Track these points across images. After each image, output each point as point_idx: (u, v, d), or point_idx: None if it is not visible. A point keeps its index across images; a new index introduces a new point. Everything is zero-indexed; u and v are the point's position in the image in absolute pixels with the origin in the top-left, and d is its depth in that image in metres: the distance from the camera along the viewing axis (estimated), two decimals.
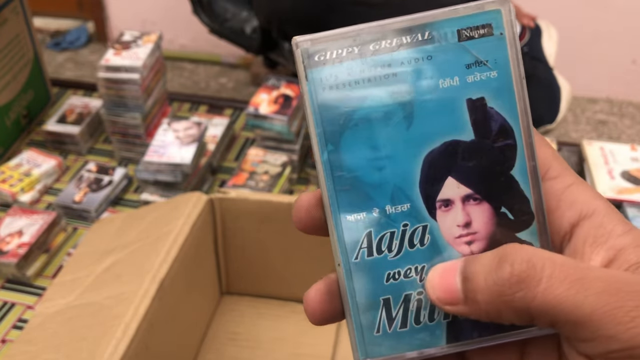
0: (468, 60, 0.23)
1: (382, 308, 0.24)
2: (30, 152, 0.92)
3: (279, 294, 0.71)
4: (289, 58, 1.17)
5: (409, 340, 0.24)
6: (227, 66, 2.26)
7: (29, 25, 0.98)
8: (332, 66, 0.23)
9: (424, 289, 0.23)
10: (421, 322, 0.24)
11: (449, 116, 0.23)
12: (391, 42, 0.23)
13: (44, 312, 0.57)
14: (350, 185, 0.23)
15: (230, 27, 1.24)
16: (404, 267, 0.24)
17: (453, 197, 0.23)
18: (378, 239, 0.24)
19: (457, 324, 0.24)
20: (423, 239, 0.24)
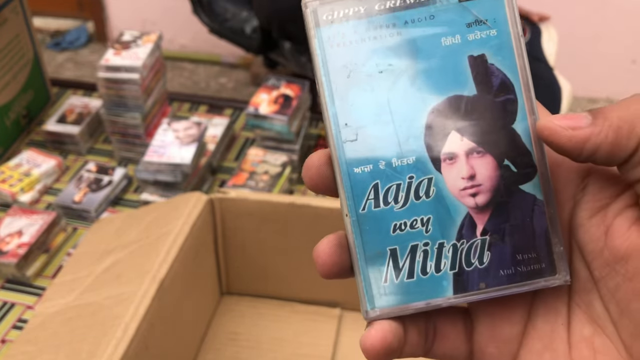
0: (469, 19, 0.24)
1: (389, 258, 0.24)
2: (30, 152, 0.92)
3: (279, 294, 0.71)
4: (289, 58, 1.17)
5: (416, 290, 0.24)
6: (227, 66, 2.26)
7: (29, 25, 0.98)
8: (339, 24, 0.24)
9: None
10: (428, 273, 0.24)
11: (452, 72, 0.24)
12: (395, 2, 0.24)
13: (43, 312, 0.57)
14: (357, 139, 0.24)
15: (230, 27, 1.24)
16: (410, 218, 0.24)
17: (457, 150, 0.24)
18: (384, 190, 0.24)
19: (463, 275, 0.24)
20: (428, 191, 0.24)
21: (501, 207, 0.24)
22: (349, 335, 0.68)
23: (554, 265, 0.24)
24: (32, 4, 0.98)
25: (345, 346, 0.67)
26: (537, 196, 0.24)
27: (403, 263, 0.24)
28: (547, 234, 0.24)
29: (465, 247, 0.24)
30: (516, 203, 0.24)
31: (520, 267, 0.24)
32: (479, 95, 0.24)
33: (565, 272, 0.24)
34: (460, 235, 0.24)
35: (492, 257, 0.24)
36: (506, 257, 0.24)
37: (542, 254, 0.24)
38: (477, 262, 0.24)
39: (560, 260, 0.24)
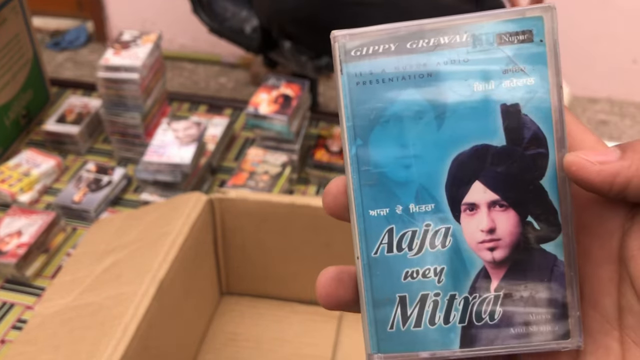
0: (505, 66, 0.23)
1: (397, 305, 0.24)
2: (29, 152, 0.92)
3: (278, 294, 0.71)
4: (289, 57, 1.17)
5: (422, 340, 0.24)
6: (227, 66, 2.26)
7: (28, 24, 0.98)
8: (368, 62, 0.23)
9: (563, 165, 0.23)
10: (436, 324, 0.24)
11: (482, 120, 0.23)
12: (428, 41, 0.23)
13: (43, 313, 0.57)
14: (376, 181, 0.23)
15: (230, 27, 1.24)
16: (423, 266, 0.24)
17: (479, 201, 0.23)
18: (399, 236, 0.24)
19: (472, 329, 0.24)
20: (445, 240, 0.23)
21: (519, 265, 0.23)
22: (349, 336, 0.68)
23: (567, 330, 0.23)
24: (31, 4, 0.98)
25: (345, 346, 0.67)
26: (559, 257, 0.23)
27: (411, 311, 0.24)
28: (564, 297, 0.23)
29: (477, 302, 0.24)
30: (535, 262, 0.23)
31: (531, 327, 0.23)
32: (508, 147, 0.23)
33: (579, 336, 0.23)
34: (473, 289, 0.24)
35: (504, 314, 0.24)
36: (518, 316, 0.24)
37: (556, 317, 0.23)
38: (487, 317, 0.24)
39: (576, 325, 0.23)
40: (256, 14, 1.18)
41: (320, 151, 0.91)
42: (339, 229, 0.64)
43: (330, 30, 0.24)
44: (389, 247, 0.24)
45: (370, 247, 0.24)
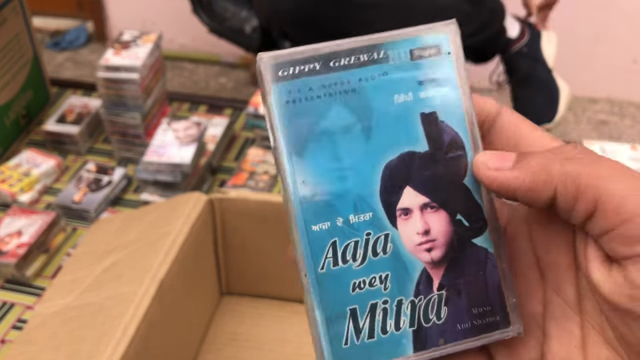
0: (420, 77, 0.24)
1: (349, 319, 0.24)
2: (29, 152, 0.92)
3: (279, 294, 0.71)
4: None
5: (377, 351, 0.24)
6: (227, 66, 2.26)
7: (29, 24, 0.98)
8: (295, 81, 0.24)
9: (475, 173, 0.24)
10: (388, 332, 0.24)
11: (405, 129, 0.24)
12: (349, 59, 0.24)
13: (43, 313, 0.57)
14: (314, 196, 0.24)
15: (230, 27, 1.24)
16: (368, 276, 0.24)
17: (412, 205, 0.24)
18: (343, 248, 0.24)
19: (422, 332, 0.24)
20: (385, 247, 0.24)
21: (455, 262, 0.24)
22: None
23: (507, 317, 0.24)
24: (31, 4, 0.98)
25: None
26: (489, 249, 0.25)
27: (363, 323, 0.24)
28: (499, 286, 0.24)
29: (423, 303, 0.24)
30: (469, 257, 0.25)
31: (476, 321, 0.24)
32: (430, 152, 0.24)
33: (519, 323, 0.24)
34: (417, 291, 0.24)
35: (449, 311, 0.24)
36: (462, 312, 0.24)
37: (496, 307, 0.25)
38: (434, 317, 0.24)
39: (514, 311, 0.24)
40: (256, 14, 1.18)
41: None
42: None
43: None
44: (334, 260, 0.24)
45: (317, 262, 0.24)
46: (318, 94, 0.24)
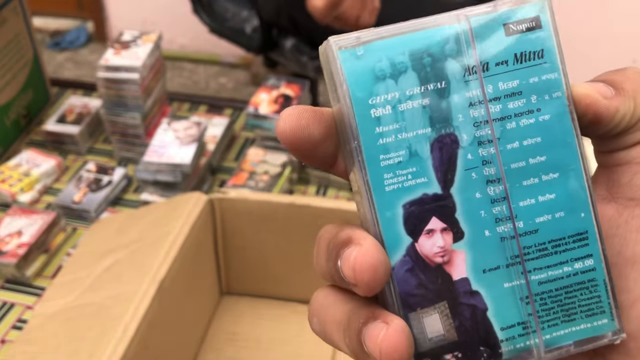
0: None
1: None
2: (29, 152, 0.92)
3: (278, 294, 0.71)
4: (290, 57, 1.17)
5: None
6: (227, 66, 2.26)
7: (29, 25, 0.98)
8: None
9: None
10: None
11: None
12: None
13: (43, 313, 0.57)
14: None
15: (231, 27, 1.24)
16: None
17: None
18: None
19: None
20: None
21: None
22: None
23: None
24: (31, 4, 0.98)
25: None
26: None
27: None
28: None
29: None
30: None
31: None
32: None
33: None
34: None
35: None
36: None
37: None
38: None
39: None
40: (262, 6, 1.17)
41: None
42: None
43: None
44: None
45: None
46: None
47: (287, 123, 0.22)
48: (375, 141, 0.21)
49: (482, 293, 0.21)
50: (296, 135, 0.22)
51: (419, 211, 0.21)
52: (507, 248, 0.21)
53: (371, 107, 0.21)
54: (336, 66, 0.21)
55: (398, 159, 0.21)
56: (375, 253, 0.20)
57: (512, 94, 0.22)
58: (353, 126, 0.21)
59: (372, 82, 0.21)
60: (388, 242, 0.21)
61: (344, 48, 0.21)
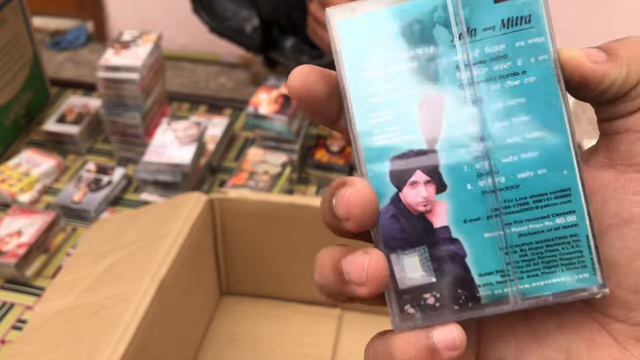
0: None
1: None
2: (29, 152, 0.92)
3: (278, 294, 0.71)
4: (290, 57, 1.17)
5: None
6: (227, 66, 2.26)
7: (28, 24, 0.98)
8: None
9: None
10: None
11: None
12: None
13: (43, 313, 0.57)
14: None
15: (231, 26, 1.24)
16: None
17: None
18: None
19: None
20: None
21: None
22: (349, 336, 0.68)
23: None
24: (31, 4, 0.98)
25: (345, 346, 0.67)
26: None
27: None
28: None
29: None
30: None
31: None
32: None
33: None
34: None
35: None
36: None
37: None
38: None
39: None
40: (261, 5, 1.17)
41: (320, 151, 0.91)
42: None
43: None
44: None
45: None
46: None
47: (297, 79, 0.24)
48: (366, 100, 0.23)
49: (462, 241, 0.23)
50: (304, 90, 0.24)
51: (404, 165, 0.23)
52: (488, 201, 0.23)
53: (363, 70, 0.23)
54: (333, 34, 0.24)
55: (387, 117, 0.23)
56: (366, 191, 0.22)
57: (498, 57, 0.23)
58: (346, 87, 0.23)
59: (365, 47, 0.23)
60: (375, 191, 0.23)
61: (341, 18, 0.24)
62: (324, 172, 0.90)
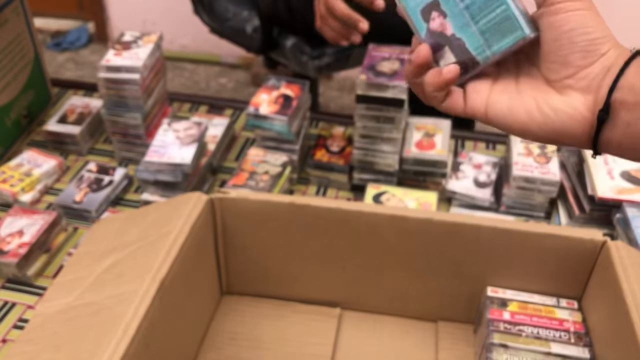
0: None
1: None
2: (30, 152, 0.92)
3: (279, 293, 0.72)
4: (290, 57, 1.17)
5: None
6: (227, 66, 2.26)
7: (30, 25, 0.98)
8: None
9: None
10: None
11: None
12: None
13: (44, 312, 0.57)
14: None
15: (231, 27, 1.24)
16: None
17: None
18: None
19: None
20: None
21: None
22: (349, 335, 0.69)
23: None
24: (32, 5, 0.98)
25: (345, 345, 0.67)
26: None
27: None
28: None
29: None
30: None
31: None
32: None
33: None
34: None
35: None
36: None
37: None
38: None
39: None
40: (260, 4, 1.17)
41: (320, 151, 0.91)
42: (339, 229, 0.65)
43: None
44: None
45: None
46: None
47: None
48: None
49: (462, 37, 0.41)
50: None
51: (427, 9, 0.42)
52: (465, 14, 0.41)
53: None
54: None
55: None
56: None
57: None
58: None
59: None
60: (417, 27, 0.43)
61: None
62: (324, 172, 0.90)
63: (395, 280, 0.67)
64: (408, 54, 0.43)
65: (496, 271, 0.64)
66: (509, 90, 0.41)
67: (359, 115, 0.82)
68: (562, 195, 0.84)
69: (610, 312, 0.58)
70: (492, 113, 0.41)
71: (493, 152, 0.98)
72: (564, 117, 0.38)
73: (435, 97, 0.42)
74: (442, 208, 0.86)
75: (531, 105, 0.40)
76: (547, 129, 0.39)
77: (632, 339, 0.51)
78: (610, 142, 0.37)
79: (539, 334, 0.60)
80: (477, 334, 0.66)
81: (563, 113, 0.38)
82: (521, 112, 0.40)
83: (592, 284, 0.62)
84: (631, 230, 0.72)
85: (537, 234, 0.61)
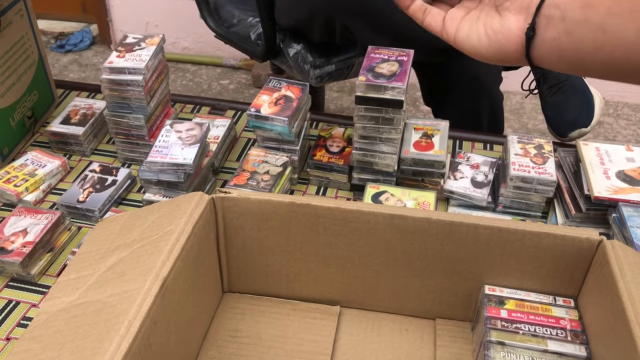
0: None
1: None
2: (34, 152, 0.93)
3: (279, 292, 0.72)
4: (293, 65, 1.18)
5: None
6: (229, 68, 2.27)
7: (34, 27, 0.99)
8: None
9: None
10: None
11: None
12: None
13: (48, 310, 0.57)
14: None
15: (236, 33, 1.25)
16: None
17: None
18: None
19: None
20: None
21: None
22: (349, 333, 0.69)
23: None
24: (36, 7, 0.99)
25: (344, 343, 0.68)
26: None
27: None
28: None
29: None
30: None
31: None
32: None
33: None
34: None
35: None
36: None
37: None
38: None
39: None
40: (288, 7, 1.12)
41: (320, 151, 0.92)
42: (339, 228, 0.65)
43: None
44: None
45: None
46: None
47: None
48: None
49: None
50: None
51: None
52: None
53: None
54: None
55: None
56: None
57: None
58: None
59: None
60: None
61: None
62: (324, 172, 0.91)
63: (394, 278, 0.68)
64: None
65: (493, 270, 0.65)
66: (472, 19, 0.46)
67: (358, 116, 0.83)
68: (558, 195, 0.85)
69: (606, 310, 0.58)
70: (458, 39, 0.47)
71: (490, 153, 0.98)
72: (500, 37, 0.43)
73: (414, 16, 0.49)
74: (440, 208, 0.86)
75: (481, 31, 0.45)
76: (492, 50, 0.44)
77: (627, 337, 0.52)
78: (542, 56, 0.42)
79: (535, 332, 0.61)
80: (475, 331, 0.67)
81: (500, 33, 0.44)
82: (474, 37, 0.45)
83: (589, 283, 0.63)
84: (627, 230, 0.73)
85: (534, 233, 0.62)
